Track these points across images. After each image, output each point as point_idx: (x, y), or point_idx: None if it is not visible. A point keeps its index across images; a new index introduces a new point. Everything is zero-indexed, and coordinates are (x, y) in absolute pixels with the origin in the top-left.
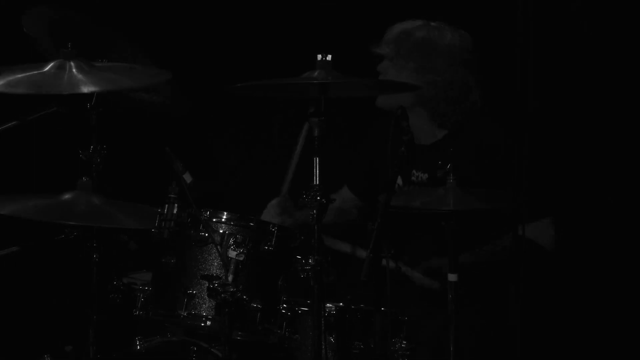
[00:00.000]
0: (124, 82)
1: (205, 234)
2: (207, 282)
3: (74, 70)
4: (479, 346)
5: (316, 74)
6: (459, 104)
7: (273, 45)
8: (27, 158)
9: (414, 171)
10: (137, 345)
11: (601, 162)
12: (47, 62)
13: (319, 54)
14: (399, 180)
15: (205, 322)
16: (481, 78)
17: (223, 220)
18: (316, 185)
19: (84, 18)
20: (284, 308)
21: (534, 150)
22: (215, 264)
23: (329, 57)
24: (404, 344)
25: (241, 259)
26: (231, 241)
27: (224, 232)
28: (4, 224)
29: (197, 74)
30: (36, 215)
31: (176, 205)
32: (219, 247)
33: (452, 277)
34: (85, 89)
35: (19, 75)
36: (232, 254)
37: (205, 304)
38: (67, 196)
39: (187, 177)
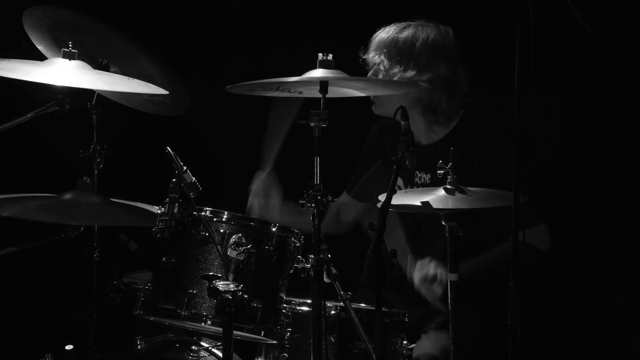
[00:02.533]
0: (119, 87)
1: (205, 234)
2: (207, 282)
3: (72, 68)
4: (479, 346)
5: (317, 72)
6: (451, 100)
7: (273, 44)
8: (27, 158)
9: (417, 172)
10: (138, 345)
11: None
12: (45, 60)
13: (320, 52)
14: (400, 182)
15: (205, 322)
16: (472, 74)
17: (224, 219)
18: (316, 184)
19: (85, 18)
20: (284, 307)
21: (532, 157)
22: (216, 263)
23: (330, 56)
24: (404, 344)
25: (241, 258)
26: (231, 241)
27: (224, 231)
28: (4, 224)
29: (197, 74)
30: (37, 216)
31: (177, 204)
32: (219, 246)
33: (452, 277)
34: (80, 85)
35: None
36: (233, 253)
37: (205, 304)
38: (67, 196)
39: (187, 177)
